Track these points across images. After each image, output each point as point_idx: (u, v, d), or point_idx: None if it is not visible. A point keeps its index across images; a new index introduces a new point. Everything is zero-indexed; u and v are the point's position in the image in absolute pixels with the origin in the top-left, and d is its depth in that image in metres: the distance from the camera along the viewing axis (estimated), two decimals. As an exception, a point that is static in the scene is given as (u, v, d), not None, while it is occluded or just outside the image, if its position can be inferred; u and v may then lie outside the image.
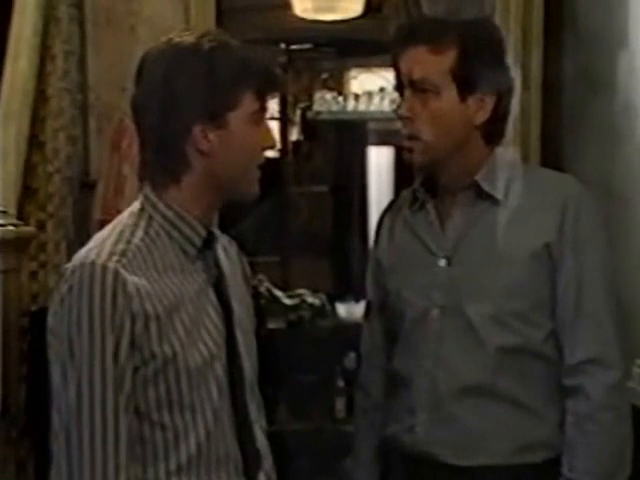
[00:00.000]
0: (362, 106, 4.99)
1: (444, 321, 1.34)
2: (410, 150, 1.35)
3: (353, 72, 5.14)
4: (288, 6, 3.48)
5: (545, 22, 2.43)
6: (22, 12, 2.01)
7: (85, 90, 2.62)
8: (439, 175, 1.38)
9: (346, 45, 4.53)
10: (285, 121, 5.18)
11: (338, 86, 5.03)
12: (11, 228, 1.57)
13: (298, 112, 4.99)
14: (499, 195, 1.35)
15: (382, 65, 5.12)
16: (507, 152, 1.42)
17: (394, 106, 6.38)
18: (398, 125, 1.40)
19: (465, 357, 1.33)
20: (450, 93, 1.32)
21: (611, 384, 1.31)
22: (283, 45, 4.19)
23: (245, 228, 4.41)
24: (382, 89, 4.98)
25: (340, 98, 4.92)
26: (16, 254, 1.64)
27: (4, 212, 1.64)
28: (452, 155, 1.35)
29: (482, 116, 1.34)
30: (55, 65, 2.28)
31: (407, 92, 1.34)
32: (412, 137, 1.34)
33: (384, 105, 5.08)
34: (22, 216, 1.82)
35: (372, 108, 5.06)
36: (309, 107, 4.92)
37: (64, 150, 2.37)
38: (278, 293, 3.65)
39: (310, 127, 4.99)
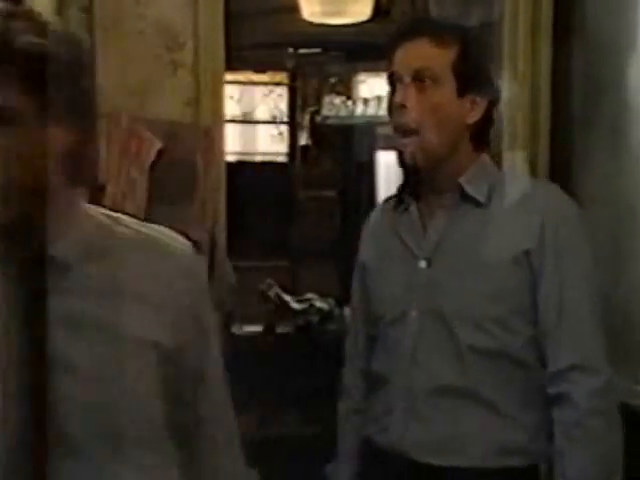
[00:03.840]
0: (371, 110, 4.99)
1: (422, 322, 1.34)
2: (407, 147, 1.34)
3: (362, 76, 5.15)
4: (296, 10, 3.49)
5: (554, 26, 2.42)
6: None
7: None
8: (427, 177, 1.38)
9: (354, 49, 4.55)
10: (294, 126, 5.19)
11: (346, 90, 5.04)
12: None
13: (307, 117, 5.00)
14: (482, 198, 1.35)
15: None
16: (490, 161, 1.43)
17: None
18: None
19: (441, 359, 1.33)
20: (449, 87, 1.33)
21: (597, 390, 1.29)
22: (291, 49, 4.20)
23: (253, 232, 4.42)
24: (391, 93, 4.99)
25: (349, 102, 4.93)
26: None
27: None
28: (445, 153, 1.35)
29: (474, 116, 1.36)
30: (64, 69, 2.28)
31: (405, 82, 1.33)
32: (409, 131, 1.33)
33: (393, 109, 5.06)
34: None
35: (381, 112, 5.06)
36: (318, 111, 4.94)
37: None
38: (287, 297, 3.65)
39: (319, 132, 5.00)
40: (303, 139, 5.10)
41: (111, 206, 2.44)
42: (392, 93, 1.37)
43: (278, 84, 5.27)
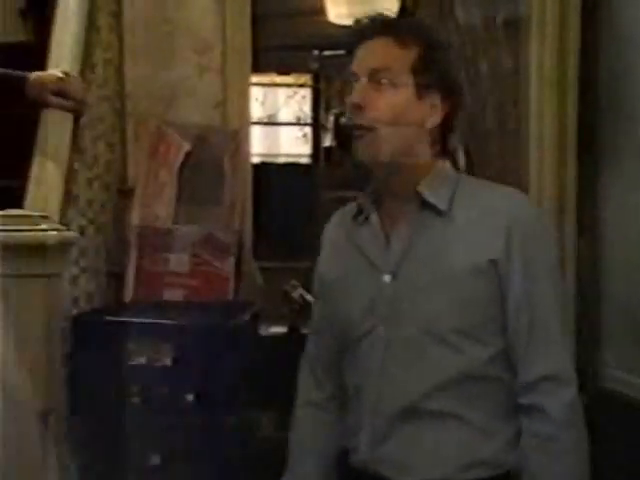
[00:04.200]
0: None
1: (389, 339, 1.30)
2: (360, 143, 1.27)
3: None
4: (321, 12, 3.50)
5: (582, 22, 2.42)
6: (63, 21, 2.05)
7: (122, 98, 2.66)
8: (384, 183, 1.33)
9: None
10: (317, 127, 5.21)
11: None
12: (54, 233, 1.59)
13: (330, 118, 5.01)
14: (442, 206, 1.29)
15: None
16: (450, 167, 1.36)
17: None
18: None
19: (408, 375, 1.28)
20: (408, 89, 1.28)
21: (570, 401, 1.26)
22: (316, 51, 4.21)
23: (277, 234, 4.43)
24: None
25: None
26: (59, 259, 1.67)
27: (46, 217, 1.67)
28: (401, 156, 1.29)
29: (434, 120, 1.30)
30: (95, 73, 2.31)
31: (362, 81, 1.27)
32: (364, 129, 1.26)
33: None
34: (64, 221, 1.84)
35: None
36: (342, 113, 4.94)
37: (103, 157, 2.41)
38: (311, 298, 3.66)
39: (342, 133, 5.00)
40: (327, 141, 5.11)
41: (140, 207, 2.49)
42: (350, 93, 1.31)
43: (302, 86, 5.29)
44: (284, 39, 4.08)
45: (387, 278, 1.30)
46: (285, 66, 4.90)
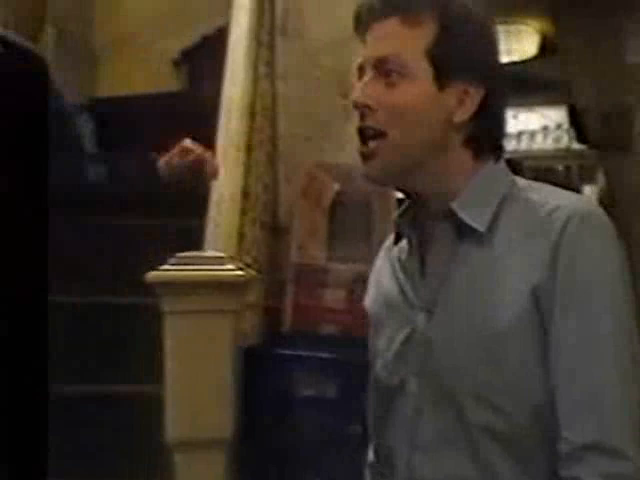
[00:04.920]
0: (524, 145, 4.99)
1: (422, 394, 1.05)
2: (371, 156, 1.03)
3: (513, 111, 5.15)
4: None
5: None
6: (233, 75, 2.20)
7: (275, 141, 2.80)
8: (415, 198, 1.08)
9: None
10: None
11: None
12: (240, 272, 1.71)
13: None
14: (481, 227, 1.02)
15: (544, 104, 5.11)
16: (500, 172, 1.06)
17: (557, 145, 6.27)
18: (554, 162, 1.08)
19: (448, 444, 1.03)
20: (425, 78, 1.01)
21: (615, 476, 0.94)
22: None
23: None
24: (545, 128, 4.98)
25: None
26: (240, 296, 1.79)
27: (226, 257, 1.79)
28: (426, 164, 1.03)
29: (464, 112, 1.02)
30: (255, 120, 2.46)
31: (367, 75, 1.02)
32: (372, 133, 1.02)
33: (547, 144, 5.06)
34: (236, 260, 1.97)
35: (535, 147, 5.05)
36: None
37: (261, 197, 2.55)
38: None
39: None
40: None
41: (296, 245, 2.60)
42: None
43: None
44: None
45: (421, 317, 1.05)
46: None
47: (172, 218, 2.43)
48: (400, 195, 1.15)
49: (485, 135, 1.04)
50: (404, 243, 1.10)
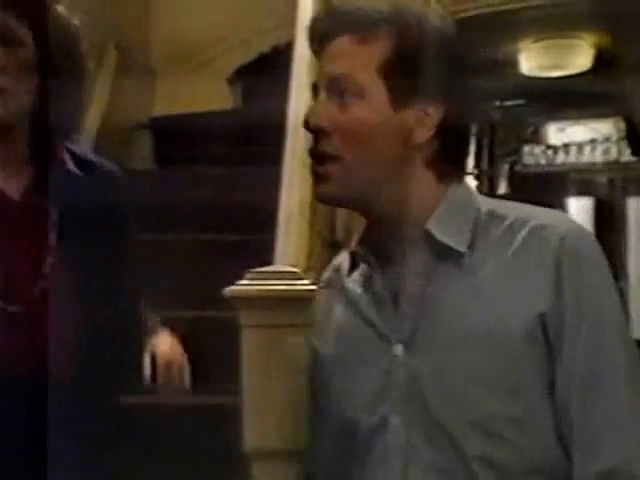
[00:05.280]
0: (572, 158, 4.99)
1: (409, 432, 0.97)
2: (325, 178, 0.97)
3: (559, 124, 5.16)
4: (510, 64, 3.57)
5: None
6: (299, 91, 2.24)
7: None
8: (377, 223, 1.00)
9: (556, 99, 4.57)
10: (493, 176, 5.27)
11: (544, 139, 5.08)
12: (312, 287, 1.74)
13: (506, 166, 5.08)
14: (462, 247, 0.96)
15: (592, 117, 5.11)
16: (469, 191, 1.03)
17: (606, 157, 6.24)
18: (599, 175, 1.04)
19: (442, 474, 0.96)
20: (380, 98, 0.96)
21: None
22: (497, 102, 4.29)
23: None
24: (593, 140, 4.97)
25: (549, 151, 4.96)
26: (309, 310, 1.81)
27: (300, 272, 1.82)
28: (385, 188, 0.98)
29: (424, 133, 0.97)
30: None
31: (320, 95, 0.98)
32: (326, 157, 0.96)
33: (595, 156, 5.06)
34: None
35: (583, 160, 5.04)
36: (517, 161, 4.99)
37: (322, 212, 2.58)
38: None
39: (518, 180, 5.06)
40: (502, 188, 5.16)
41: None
42: None
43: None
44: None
45: (399, 350, 0.98)
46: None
47: (243, 233, 2.49)
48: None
49: (448, 155, 0.99)
50: (356, 274, 1.02)
